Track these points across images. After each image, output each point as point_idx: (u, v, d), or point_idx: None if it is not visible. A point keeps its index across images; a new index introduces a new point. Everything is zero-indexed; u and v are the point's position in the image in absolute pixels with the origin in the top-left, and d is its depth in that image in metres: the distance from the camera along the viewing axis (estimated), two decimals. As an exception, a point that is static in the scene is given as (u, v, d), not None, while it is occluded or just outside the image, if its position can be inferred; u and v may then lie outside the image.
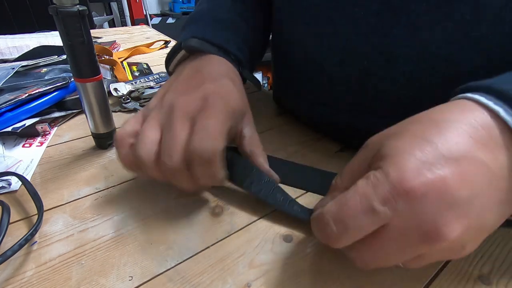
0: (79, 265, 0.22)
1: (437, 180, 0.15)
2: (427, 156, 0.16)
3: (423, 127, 0.17)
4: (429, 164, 0.15)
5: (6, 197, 0.27)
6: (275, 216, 0.26)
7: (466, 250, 0.17)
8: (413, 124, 0.18)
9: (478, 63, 0.23)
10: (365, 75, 0.28)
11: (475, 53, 0.23)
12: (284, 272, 0.21)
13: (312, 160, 0.33)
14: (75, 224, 0.25)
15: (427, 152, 0.16)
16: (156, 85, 0.50)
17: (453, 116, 0.17)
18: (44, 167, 0.32)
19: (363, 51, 0.27)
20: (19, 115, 0.36)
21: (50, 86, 0.39)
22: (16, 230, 0.24)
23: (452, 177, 0.15)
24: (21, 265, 0.22)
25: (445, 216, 0.15)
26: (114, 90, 0.45)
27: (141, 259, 0.22)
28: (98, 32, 0.92)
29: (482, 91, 0.18)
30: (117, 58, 0.61)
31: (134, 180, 0.30)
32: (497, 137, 0.16)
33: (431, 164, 0.15)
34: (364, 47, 0.27)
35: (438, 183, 0.15)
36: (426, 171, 0.15)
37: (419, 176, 0.15)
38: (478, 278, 0.21)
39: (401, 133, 0.18)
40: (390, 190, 0.16)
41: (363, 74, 0.28)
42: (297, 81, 0.35)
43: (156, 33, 0.95)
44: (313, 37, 0.30)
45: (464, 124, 0.17)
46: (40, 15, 1.30)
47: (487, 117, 0.17)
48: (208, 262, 0.22)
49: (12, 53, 0.60)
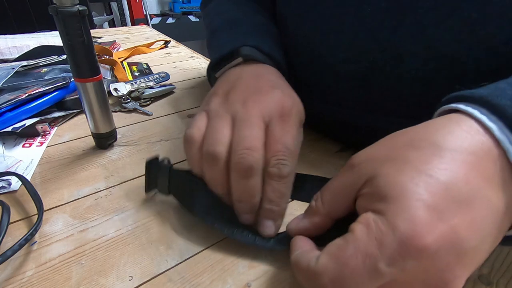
0: (79, 265, 0.22)
1: (450, 232, 0.14)
2: (437, 201, 0.14)
3: (423, 156, 0.16)
4: (440, 212, 0.14)
5: (6, 197, 0.27)
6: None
7: None
8: (409, 149, 0.16)
9: (485, 61, 0.23)
10: (371, 72, 0.27)
11: (482, 52, 0.23)
12: (284, 272, 0.21)
13: (312, 160, 0.33)
14: (75, 224, 0.25)
15: (437, 195, 0.14)
16: (156, 85, 0.50)
17: (455, 143, 0.16)
18: (44, 167, 0.32)
19: (369, 48, 0.27)
20: (19, 115, 0.36)
21: (50, 86, 0.39)
22: (16, 230, 0.24)
23: (463, 226, 0.14)
24: (21, 265, 0.22)
25: (455, 270, 0.14)
26: (114, 90, 0.45)
27: (141, 259, 0.22)
28: (98, 32, 0.92)
29: (479, 105, 0.16)
30: (117, 58, 0.61)
31: (134, 180, 0.30)
32: (502, 169, 0.15)
33: (442, 212, 0.14)
34: (370, 43, 0.26)
35: (451, 235, 0.14)
36: (438, 222, 0.14)
37: (433, 230, 0.14)
38: (478, 278, 0.21)
39: (397, 160, 0.16)
40: (399, 249, 0.14)
41: (369, 71, 0.28)
42: (302, 77, 0.34)
43: (156, 33, 0.95)
44: (319, 33, 0.30)
45: (470, 154, 0.15)
46: (40, 15, 1.30)
47: (491, 144, 0.15)
48: (208, 262, 0.22)
49: (12, 53, 0.60)
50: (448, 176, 0.15)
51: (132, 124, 0.40)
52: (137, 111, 0.43)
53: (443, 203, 0.14)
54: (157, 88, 0.48)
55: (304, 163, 0.33)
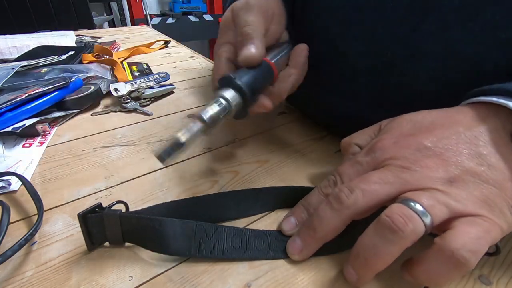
0: (79, 265, 0.22)
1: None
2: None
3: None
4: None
5: (6, 197, 0.27)
6: (275, 216, 0.26)
7: None
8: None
9: (503, 65, 0.23)
10: (389, 68, 0.27)
11: (501, 55, 0.23)
12: (284, 272, 0.21)
13: (312, 160, 0.33)
14: (75, 224, 0.25)
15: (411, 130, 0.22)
16: (156, 85, 0.50)
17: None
18: (44, 167, 0.32)
19: (388, 43, 0.26)
20: (19, 115, 0.36)
21: (50, 86, 0.39)
22: (16, 230, 0.24)
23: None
24: (21, 265, 0.22)
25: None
26: (114, 90, 0.45)
27: (141, 259, 0.22)
28: (98, 32, 0.92)
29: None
30: (117, 58, 0.61)
31: (134, 180, 0.30)
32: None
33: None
34: (390, 39, 0.26)
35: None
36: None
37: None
38: (478, 278, 0.21)
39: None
40: (369, 147, 0.23)
41: (386, 67, 0.27)
42: (317, 68, 0.34)
43: (156, 33, 0.95)
44: (338, 24, 0.30)
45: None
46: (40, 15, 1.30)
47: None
48: (208, 262, 0.22)
49: (12, 53, 0.60)
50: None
51: (132, 124, 0.40)
52: (137, 111, 0.43)
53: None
54: (157, 88, 0.48)
55: (304, 163, 0.33)
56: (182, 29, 2.34)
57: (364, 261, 0.19)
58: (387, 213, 0.18)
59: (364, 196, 0.20)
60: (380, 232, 0.18)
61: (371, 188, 0.20)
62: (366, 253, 0.19)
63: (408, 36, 0.25)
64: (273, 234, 0.24)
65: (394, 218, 0.17)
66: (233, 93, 0.24)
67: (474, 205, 0.18)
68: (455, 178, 0.19)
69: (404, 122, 0.23)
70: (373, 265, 0.18)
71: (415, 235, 0.17)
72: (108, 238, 0.23)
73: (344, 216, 0.20)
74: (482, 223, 0.17)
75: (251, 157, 0.34)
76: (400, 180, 0.19)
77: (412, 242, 0.18)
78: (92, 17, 1.50)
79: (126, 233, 0.22)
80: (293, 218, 0.24)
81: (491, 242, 0.17)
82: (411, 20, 0.25)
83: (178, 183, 0.30)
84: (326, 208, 0.21)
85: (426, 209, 0.17)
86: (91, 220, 0.21)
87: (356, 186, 0.20)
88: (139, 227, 0.22)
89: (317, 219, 0.21)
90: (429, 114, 0.22)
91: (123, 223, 0.22)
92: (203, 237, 0.22)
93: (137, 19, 2.27)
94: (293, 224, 0.24)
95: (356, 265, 0.19)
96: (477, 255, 0.17)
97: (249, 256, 0.22)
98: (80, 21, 1.41)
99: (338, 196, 0.20)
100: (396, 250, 0.18)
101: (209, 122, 0.22)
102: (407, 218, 0.17)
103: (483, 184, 0.18)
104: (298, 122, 0.40)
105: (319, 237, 0.21)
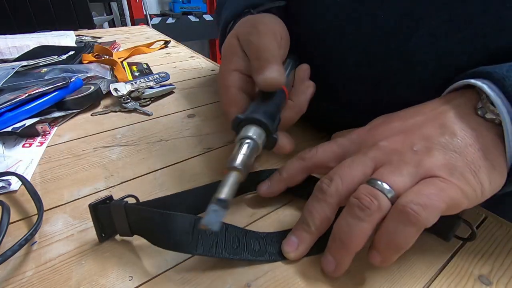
0: (79, 265, 0.22)
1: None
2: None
3: None
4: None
5: (6, 197, 0.27)
6: (275, 216, 0.26)
7: None
8: None
9: None
10: (382, 78, 0.28)
11: (492, 65, 0.23)
12: (284, 272, 0.21)
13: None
14: (75, 224, 0.25)
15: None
16: (156, 85, 0.50)
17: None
18: (44, 167, 0.32)
19: (381, 54, 0.27)
20: (19, 115, 0.36)
21: (50, 86, 0.39)
22: (16, 230, 0.24)
23: None
24: (21, 265, 0.22)
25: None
26: (114, 90, 0.45)
27: (141, 259, 0.22)
28: (98, 32, 0.92)
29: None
30: (117, 58, 0.61)
31: (134, 180, 0.30)
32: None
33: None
34: (383, 50, 0.27)
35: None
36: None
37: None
38: (478, 278, 0.21)
39: None
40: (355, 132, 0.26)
41: (380, 76, 0.28)
42: (312, 76, 0.34)
43: (156, 33, 0.95)
44: (333, 35, 0.30)
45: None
46: (40, 15, 1.30)
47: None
48: (208, 262, 0.22)
49: (12, 53, 0.60)
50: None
51: (132, 124, 0.40)
52: (137, 111, 0.44)
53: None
54: (157, 88, 0.48)
55: (304, 163, 0.33)
56: (182, 29, 2.34)
57: (340, 243, 0.20)
58: (355, 194, 0.20)
59: (343, 181, 0.21)
60: (351, 212, 0.20)
61: (346, 172, 0.21)
62: (342, 234, 0.20)
63: (400, 47, 0.26)
64: (268, 236, 0.23)
65: (361, 198, 0.19)
66: (257, 130, 0.23)
67: (434, 168, 0.19)
68: (419, 147, 0.21)
69: (380, 117, 0.25)
70: (349, 244, 0.19)
71: (382, 210, 0.19)
72: (117, 230, 0.23)
73: (330, 204, 0.21)
74: (437, 183, 0.19)
75: (251, 157, 0.33)
76: (370, 159, 0.21)
77: (381, 216, 0.19)
78: (92, 17, 1.50)
79: (133, 224, 0.22)
80: (294, 237, 0.24)
81: (449, 200, 0.18)
82: (402, 32, 0.25)
83: (178, 183, 0.30)
84: (313, 201, 0.22)
85: (390, 185, 0.19)
86: (101, 211, 0.22)
87: (334, 173, 0.22)
88: (143, 218, 0.22)
89: (307, 213, 0.22)
90: (404, 109, 0.25)
91: (128, 214, 0.22)
92: (202, 234, 0.21)
93: (137, 19, 2.27)
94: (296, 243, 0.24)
95: (333, 249, 0.21)
96: (429, 209, 0.18)
97: (247, 258, 0.22)
98: (80, 21, 1.41)
99: (320, 187, 0.22)
100: (368, 226, 0.19)
101: (243, 169, 0.21)
102: (373, 197, 0.19)
103: (444, 150, 0.20)
104: (298, 122, 0.40)
105: (312, 230, 0.22)
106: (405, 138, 0.21)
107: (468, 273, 0.22)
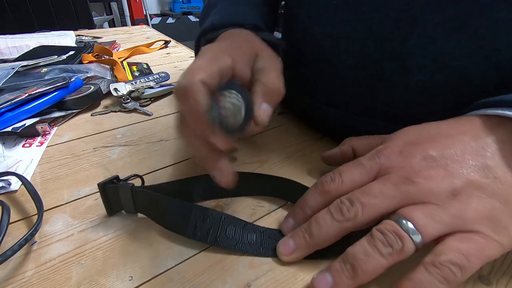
0: (79, 265, 0.22)
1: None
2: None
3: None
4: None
5: (6, 197, 0.28)
6: (275, 215, 0.26)
7: None
8: None
9: (491, 76, 0.23)
10: (378, 80, 0.28)
11: (488, 66, 0.23)
12: (284, 272, 0.21)
13: (312, 160, 0.33)
14: (75, 224, 0.25)
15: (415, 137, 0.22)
16: (156, 85, 0.50)
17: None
18: (44, 167, 0.32)
19: (377, 57, 0.27)
20: (19, 115, 0.36)
21: (50, 86, 0.39)
22: (16, 230, 0.24)
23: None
24: (21, 265, 0.22)
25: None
26: (114, 90, 0.45)
27: (141, 259, 0.22)
28: (98, 32, 0.92)
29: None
30: (117, 58, 0.61)
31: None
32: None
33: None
34: (378, 53, 0.27)
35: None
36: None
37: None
38: (478, 278, 0.21)
39: None
40: (374, 152, 0.23)
41: (376, 79, 0.28)
42: (309, 80, 0.34)
43: (156, 33, 0.95)
44: (329, 38, 0.30)
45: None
46: (40, 15, 1.30)
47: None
48: (208, 262, 0.22)
49: (12, 53, 0.60)
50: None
51: (132, 124, 0.40)
52: (137, 111, 0.44)
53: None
54: (157, 88, 0.48)
55: (304, 163, 0.33)
56: (182, 29, 2.35)
57: (351, 269, 0.18)
58: (379, 228, 0.19)
59: (364, 210, 0.20)
60: (373, 244, 0.18)
61: (371, 202, 0.20)
62: (356, 261, 0.18)
63: (396, 50, 0.25)
64: (267, 231, 0.24)
65: (386, 234, 0.18)
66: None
67: (474, 221, 0.18)
68: (458, 191, 0.18)
69: (411, 131, 0.23)
70: (360, 274, 0.18)
71: (405, 253, 0.18)
72: (123, 207, 0.25)
73: (344, 228, 0.20)
74: (476, 240, 0.17)
75: (251, 157, 0.34)
76: (401, 194, 0.19)
77: (402, 258, 0.18)
78: (92, 17, 1.50)
79: (138, 204, 0.24)
80: (291, 219, 0.24)
81: (486, 259, 0.17)
82: (398, 34, 0.25)
83: (178, 183, 0.30)
84: (326, 216, 0.21)
85: (417, 228, 0.18)
86: (109, 189, 0.24)
87: (356, 199, 0.20)
88: (147, 200, 0.24)
89: (316, 225, 0.21)
90: (435, 124, 0.22)
91: (134, 196, 0.24)
92: (199, 220, 0.22)
93: (137, 19, 2.27)
94: (291, 224, 0.24)
95: (339, 271, 0.19)
96: (466, 271, 0.17)
97: (239, 249, 0.22)
98: (80, 21, 1.41)
99: (339, 207, 0.20)
100: (385, 264, 0.18)
101: None
102: (398, 237, 0.18)
103: (487, 198, 0.18)
104: (298, 122, 0.40)
105: (314, 243, 0.21)
106: (445, 177, 0.19)
107: (468, 273, 0.21)
